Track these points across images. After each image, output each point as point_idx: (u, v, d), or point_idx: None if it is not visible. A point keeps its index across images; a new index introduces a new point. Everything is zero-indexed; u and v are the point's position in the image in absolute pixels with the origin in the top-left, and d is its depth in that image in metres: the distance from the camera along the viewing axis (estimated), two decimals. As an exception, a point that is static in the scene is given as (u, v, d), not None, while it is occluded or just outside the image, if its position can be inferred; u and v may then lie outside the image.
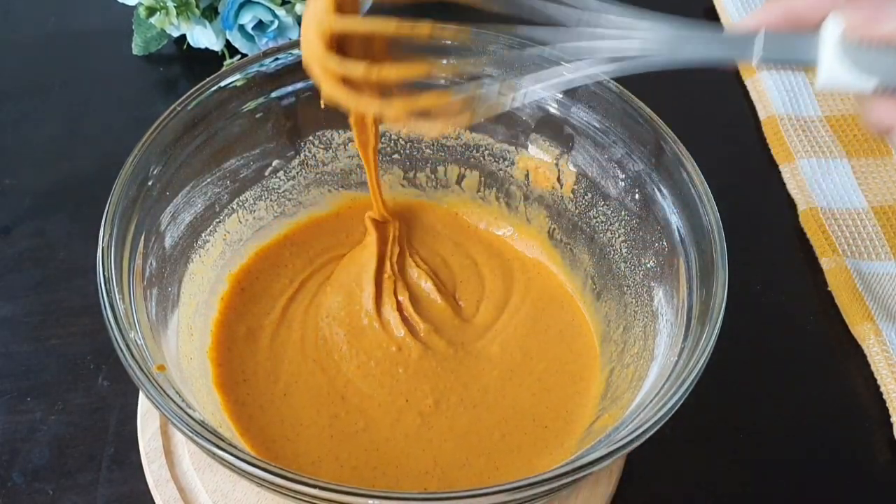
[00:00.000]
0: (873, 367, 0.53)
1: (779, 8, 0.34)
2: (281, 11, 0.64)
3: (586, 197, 0.51)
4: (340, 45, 0.40)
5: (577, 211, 0.52)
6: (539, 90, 0.41)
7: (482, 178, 0.55)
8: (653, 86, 0.45)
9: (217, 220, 0.49)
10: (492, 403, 0.47)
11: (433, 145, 0.54)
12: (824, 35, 0.33)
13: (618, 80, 0.47)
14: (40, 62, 0.69)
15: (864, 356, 0.54)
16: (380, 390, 0.47)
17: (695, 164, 0.44)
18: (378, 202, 0.52)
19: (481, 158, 0.54)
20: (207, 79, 0.46)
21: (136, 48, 0.68)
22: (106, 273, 0.39)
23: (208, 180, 0.48)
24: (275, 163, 0.51)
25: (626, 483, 0.48)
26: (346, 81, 0.40)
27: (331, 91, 0.40)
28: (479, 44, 0.49)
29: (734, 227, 0.44)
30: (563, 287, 0.53)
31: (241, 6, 0.63)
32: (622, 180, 0.48)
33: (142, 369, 0.36)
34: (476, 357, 0.49)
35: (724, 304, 0.40)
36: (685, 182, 0.44)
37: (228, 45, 0.67)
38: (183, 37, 0.68)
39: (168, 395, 0.36)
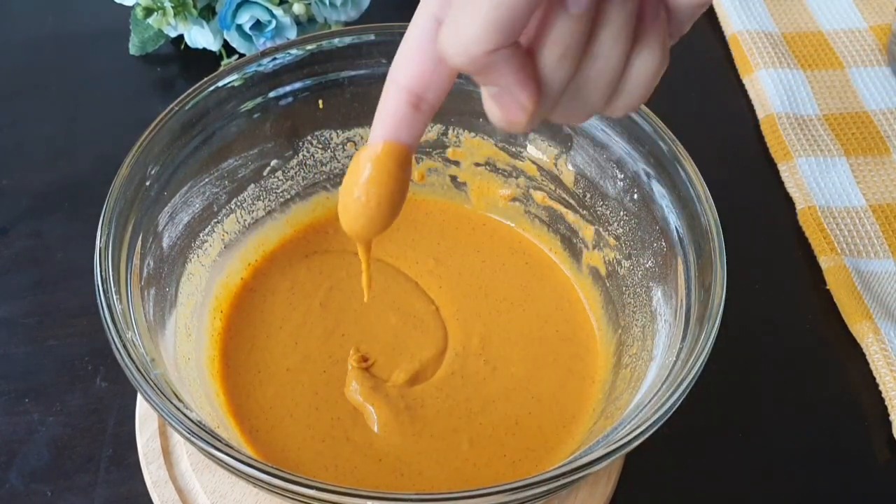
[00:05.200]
0: (872, 366, 0.53)
1: None
2: (278, 11, 0.64)
3: (585, 197, 0.51)
4: None
5: (575, 210, 0.52)
6: None
7: (480, 178, 0.55)
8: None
9: (215, 220, 0.49)
10: (493, 405, 0.47)
11: (431, 144, 0.54)
12: None
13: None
14: (37, 62, 0.69)
15: (862, 355, 0.54)
16: (381, 396, 0.47)
17: (693, 163, 0.44)
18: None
19: (479, 158, 0.54)
20: (205, 79, 0.46)
21: (133, 48, 0.68)
22: (103, 273, 0.39)
23: (206, 180, 0.48)
24: (273, 163, 0.51)
25: (625, 483, 0.48)
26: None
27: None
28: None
29: (732, 227, 0.44)
30: (564, 287, 0.53)
31: (239, 6, 0.63)
32: (621, 180, 0.48)
33: (139, 370, 0.36)
34: (476, 363, 0.49)
35: (722, 304, 0.40)
36: (684, 181, 0.44)
37: (226, 45, 0.67)
38: (180, 37, 0.68)
39: (165, 396, 0.36)
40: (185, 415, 0.35)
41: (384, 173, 0.32)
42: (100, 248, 0.39)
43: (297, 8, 0.64)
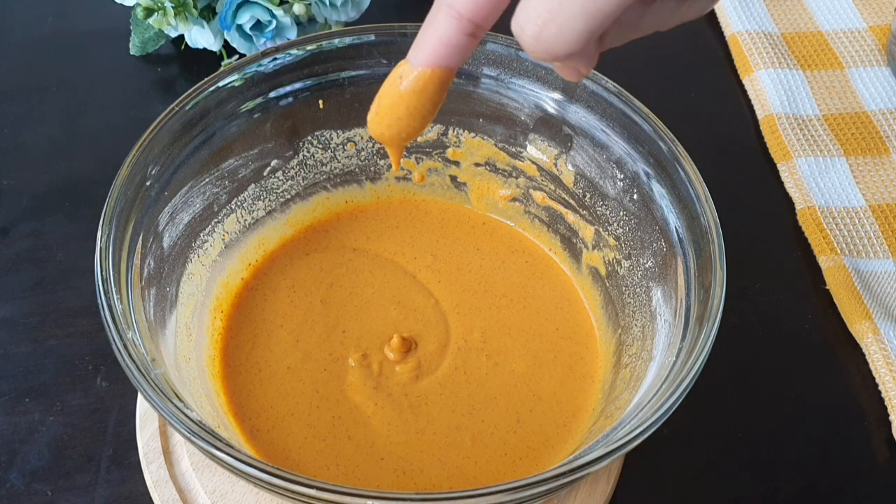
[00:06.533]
0: (871, 366, 0.53)
1: None
2: (279, 11, 0.64)
3: (584, 197, 0.51)
4: None
5: (575, 210, 0.52)
6: None
7: (480, 178, 0.55)
8: (651, 85, 0.45)
9: (215, 220, 0.49)
10: (495, 402, 0.47)
11: (431, 144, 0.54)
12: None
13: (616, 79, 0.47)
14: (38, 62, 0.69)
15: (862, 355, 0.54)
16: (383, 394, 0.47)
17: (693, 163, 0.44)
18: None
19: (479, 158, 0.54)
20: (205, 79, 0.46)
21: (134, 49, 0.68)
22: (104, 273, 0.39)
23: (206, 180, 0.48)
24: (273, 163, 0.51)
25: (625, 483, 0.48)
26: None
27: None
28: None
29: (732, 227, 0.44)
30: (564, 287, 0.53)
31: (239, 6, 0.63)
32: (620, 180, 0.48)
33: (140, 370, 0.36)
34: (478, 358, 0.49)
35: (722, 304, 0.40)
36: (683, 182, 0.44)
37: (226, 45, 0.67)
38: (181, 37, 0.68)
39: (166, 396, 0.36)
40: (185, 415, 0.35)
41: (429, 103, 0.31)
42: (100, 248, 0.39)
43: (298, 8, 0.64)
